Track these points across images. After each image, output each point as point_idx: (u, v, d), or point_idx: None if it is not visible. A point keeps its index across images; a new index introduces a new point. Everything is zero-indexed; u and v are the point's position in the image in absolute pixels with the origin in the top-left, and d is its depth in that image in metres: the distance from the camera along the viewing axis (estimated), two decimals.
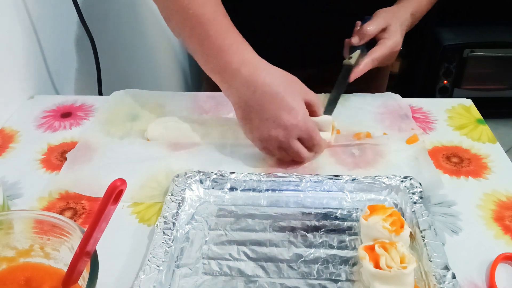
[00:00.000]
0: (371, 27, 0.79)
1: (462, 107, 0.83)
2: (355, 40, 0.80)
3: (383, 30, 0.80)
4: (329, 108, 0.77)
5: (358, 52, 0.80)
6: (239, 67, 0.63)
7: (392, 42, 0.79)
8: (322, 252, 0.55)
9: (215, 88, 0.70)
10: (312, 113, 0.66)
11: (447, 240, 0.57)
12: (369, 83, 0.93)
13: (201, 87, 1.02)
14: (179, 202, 0.59)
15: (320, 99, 0.69)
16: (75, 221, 0.59)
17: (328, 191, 0.63)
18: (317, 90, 0.69)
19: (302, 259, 0.54)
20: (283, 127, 0.62)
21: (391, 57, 0.81)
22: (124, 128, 0.76)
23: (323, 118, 0.68)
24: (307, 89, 0.67)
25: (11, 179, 0.67)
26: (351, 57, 0.79)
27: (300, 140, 0.65)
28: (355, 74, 0.78)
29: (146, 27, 1.46)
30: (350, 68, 0.78)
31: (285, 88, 0.63)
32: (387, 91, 0.87)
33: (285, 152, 0.65)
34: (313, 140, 0.65)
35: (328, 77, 0.82)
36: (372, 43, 0.80)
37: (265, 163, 0.69)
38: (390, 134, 0.74)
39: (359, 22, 0.82)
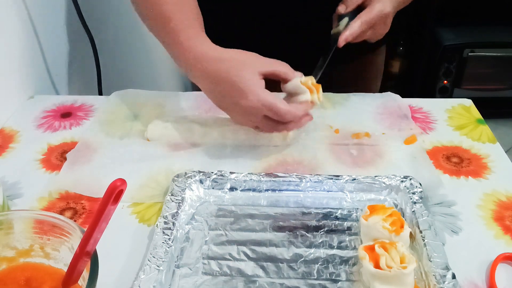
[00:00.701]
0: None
1: (462, 107, 0.83)
2: (341, 8, 0.76)
3: None
4: (315, 74, 0.73)
5: (346, 19, 0.75)
6: (195, 63, 0.65)
7: (381, 4, 0.73)
8: (322, 252, 0.55)
9: None
10: (283, 81, 0.66)
11: (447, 240, 0.57)
12: (358, 81, 0.93)
13: None
14: (179, 202, 0.59)
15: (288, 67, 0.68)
16: (75, 221, 0.59)
17: (328, 191, 0.62)
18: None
19: (302, 259, 0.54)
20: (243, 113, 0.64)
21: (381, 23, 0.75)
22: (124, 128, 0.76)
23: (292, 82, 0.66)
24: (265, 60, 0.66)
25: (11, 179, 0.67)
26: (338, 25, 0.75)
27: (268, 117, 0.64)
28: (343, 37, 0.73)
29: (146, 27, 1.45)
30: (337, 34, 0.74)
31: (236, 73, 0.63)
32: (386, 91, 0.87)
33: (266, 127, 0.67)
34: (279, 114, 0.63)
35: (326, 79, 0.82)
36: (360, 10, 0.76)
37: (265, 163, 0.69)
38: (389, 134, 0.74)
39: None
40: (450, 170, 0.68)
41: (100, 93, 1.01)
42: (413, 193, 0.59)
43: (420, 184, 0.61)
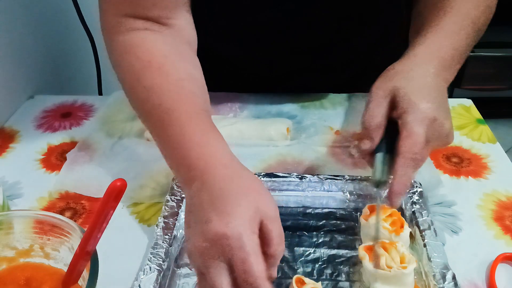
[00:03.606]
0: (370, 118, 0.53)
1: (462, 107, 0.83)
2: (365, 144, 0.53)
3: (396, 104, 0.53)
4: None
5: (380, 156, 0.53)
6: (196, 162, 0.48)
7: (419, 115, 0.51)
8: (322, 252, 0.55)
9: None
10: (264, 251, 0.43)
11: (447, 240, 0.57)
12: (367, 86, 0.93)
13: None
14: (179, 202, 0.59)
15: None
16: (75, 221, 0.59)
17: (328, 191, 0.62)
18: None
19: (302, 259, 0.54)
20: (204, 236, 0.42)
21: (435, 132, 0.52)
22: (124, 128, 0.76)
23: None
24: (274, 212, 0.45)
25: (11, 179, 0.67)
26: (374, 169, 0.53)
27: (229, 265, 0.41)
28: (393, 197, 0.50)
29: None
30: (379, 183, 0.52)
31: (238, 189, 0.45)
32: None
33: (203, 279, 0.43)
34: (244, 269, 0.40)
35: (324, 82, 0.81)
36: (393, 129, 0.53)
37: (265, 163, 0.69)
38: None
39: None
40: (450, 170, 0.68)
41: (100, 93, 1.01)
42: (413, 193, 0.59)
43: (420, 184, 0.61)
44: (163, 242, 0.53)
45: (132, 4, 0.56)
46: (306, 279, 0.48)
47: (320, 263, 0.53)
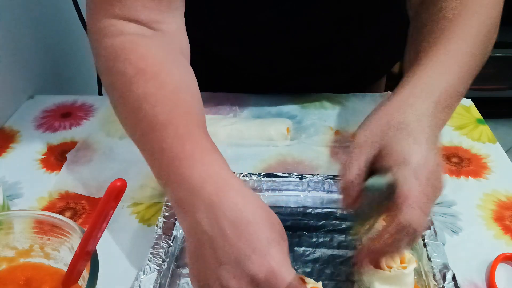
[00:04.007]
0: (350, 174, 0.46)
1: (462, 107, 0.83)
2: (345, 203, 0.47)
3: (381, 155, 0.46)
4: None
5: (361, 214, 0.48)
6: (201, 183, 0.43)
7: (404, 176, 0.43)
8: (322, 252, 0.55)
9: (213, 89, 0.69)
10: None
11: (447, 240, 0.57)
12: (366, 86, 0.93)
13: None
14: None
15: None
16: (75, 221, 0.59)
17: (328, 191, 0.62)
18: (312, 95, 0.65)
19: (302, 259, 0.54)
20: (244, 278, 0.39)
21: (432, 193, 0.44)
22: None
23: None
24: (283, 239, 0.42)
25: (11, 179, 0.67)
26: (354, 228, 0.48)
27: None
28: (361, 258, 0.46)
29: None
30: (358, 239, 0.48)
31: (261, 220, 0.41)
32: (386, 91, 0.87)
33: None
34: None
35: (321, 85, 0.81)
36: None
37: (265, 163, 0.69)
38: None
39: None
40: (450, 170, 0.68)
41: (100, 93, 1.01)
42: None
43: None
44: (163, 242, 0.53)
45: (122, 6, 0.53)
46: (307, 279, 0.48)
47: (320, 263, 0.53)
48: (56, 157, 0.71)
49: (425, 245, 0.52)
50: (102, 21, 0.54)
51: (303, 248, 0.55)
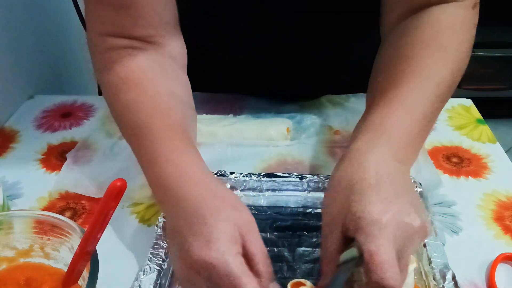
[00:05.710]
0: (328, 248, 0.45)
1: (462, 107, 0.83)
2: (326, 270, 0.46)
3: (348, 228, 0.43)
4: None
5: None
6: (172, 181, 0.47)
7: (378, 235, 0.40)
8: None
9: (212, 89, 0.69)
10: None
11: (447, 240, 0.57)
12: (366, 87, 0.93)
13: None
14: None
15: None
16: (75, 221, 0.59)
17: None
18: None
19: (302, 259, 0.54)
20: (187, 263, 0.42)
21: (408, 240, 0.42)
22: None
23: None
24: (253, 227, 0.44)
25: (11, 179, 0.67)
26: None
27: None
28: None
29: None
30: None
31: (212, 207, 0.43)
32: None
33: None
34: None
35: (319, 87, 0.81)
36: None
37: (265, 163, 0.69)
38: None
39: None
40: (450, 170, 0.68)
41: (100, 93, 1.01)
42: None
43: (420, 184, 0.61)
44: (163, 242, 0.53)
45: (114, 25, 0.55)
46: (303, 280, 0.48)
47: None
48: (56, 157, 0.71)
49: (425, 245, 0.52)
50: (95, 37, 0.58)
51: (303, 248, 0.55)
